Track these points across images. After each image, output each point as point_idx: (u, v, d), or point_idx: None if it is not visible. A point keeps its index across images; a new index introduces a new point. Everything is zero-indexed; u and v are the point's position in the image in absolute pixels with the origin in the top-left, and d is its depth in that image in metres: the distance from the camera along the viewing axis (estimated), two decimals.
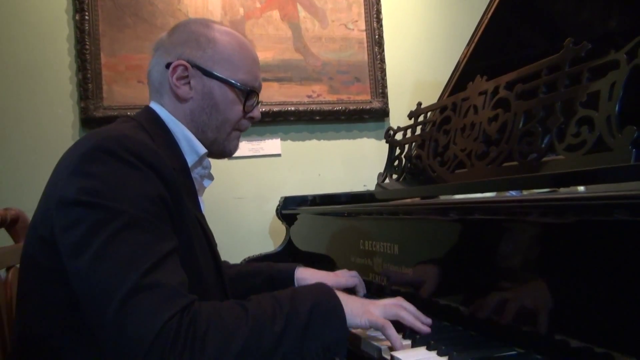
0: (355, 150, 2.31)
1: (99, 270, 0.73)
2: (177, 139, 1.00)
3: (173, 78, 0.99)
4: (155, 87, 1.03)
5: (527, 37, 1.48)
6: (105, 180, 0.77)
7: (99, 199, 0.76)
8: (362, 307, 0.89)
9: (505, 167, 1.03)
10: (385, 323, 0.88)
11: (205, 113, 1.02)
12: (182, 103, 1.01)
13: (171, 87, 1.00)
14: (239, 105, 1.05)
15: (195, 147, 1.01)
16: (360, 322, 0.88)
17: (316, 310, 0.81)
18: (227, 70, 1.02)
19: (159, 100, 1.03)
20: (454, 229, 1.00)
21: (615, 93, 0.81)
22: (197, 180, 1.04)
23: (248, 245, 2.08)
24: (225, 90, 1.02)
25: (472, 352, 0.80)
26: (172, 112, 1.01)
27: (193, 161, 1.01)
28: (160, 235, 0.79)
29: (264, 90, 2.20)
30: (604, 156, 0.80)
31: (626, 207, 0.63)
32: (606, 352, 0.66)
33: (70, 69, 1.98)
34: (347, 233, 1.48)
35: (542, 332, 0.76)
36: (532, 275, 0.81)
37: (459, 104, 1.26)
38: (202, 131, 1.03)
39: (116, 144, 0.81)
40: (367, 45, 2.30)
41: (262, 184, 2.19)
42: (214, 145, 1.06)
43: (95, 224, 0.75)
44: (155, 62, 1.03)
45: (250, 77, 1.06)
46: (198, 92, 1.01)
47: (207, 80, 1.01)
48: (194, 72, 1.00)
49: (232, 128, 1.07)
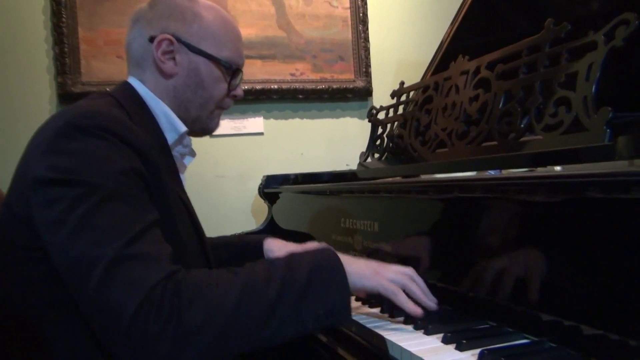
0: (338, 130, 2.31)
1: (80, 242, 0.72)
2: (157, 116, 0.98)
3: (158, 52, 0.96)
4: (136, 61, 1.00)
5: (509, 17, 1.48)
6: (80, 157, 0.76)
7: (75, 175, 0.75)
8: (370, 269, 0.87)
9: (484, 147, 1.04)
10: (397, 289, 0.86)
11: (190, 90, 1.00)
12: (166, 79, 0.99)
13: (155, 62, 0.97)
14: (223, 83, 1.04)
15: (175, 124, 0.99)
16: (369, 285, 0.86)
17: (315, 273, 0.78)
18: (213, 46, 1.00)
19: (139, 75, 1.00)
20: (434, 207, 1.02)
21: (592, 74, 0.82)
22: (178, 158, 1.03)
23: (230, 224, 2.08)
24: (211, 67, 1.01)
25: (446, 326, 0.82)
26: (153, 88, 0.99)
27: (173, 139, 0.99)
28: (141, 208, 0.79)
29: (247, 67, 2.17)
30: (580, 136, 0.81)
31: (599, 185, 0.64)
32: (574, 325, 0.68)
33: (46, 42, 1.93)
34: (328, 211, 1.49)
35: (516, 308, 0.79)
36: (508, 251, 0.83)
37: (441, 83, 1.26)
38: (185, 108, 1.01)
39: (90, 120, 0.79)
40: (351, 24, 2.28)
41: (244, 163, 2.18)
42: (197, 123, 1.04)
43: (74, 200, 0.74)
44: (136, 35, 1.00)
45: (236, 54, 1.04)
46: (183, 68, 0.99)
47: (193, 56, 0.99)
48: (180, 47, 0.98)
49: (216, 106, 1.06)
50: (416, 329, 0.84)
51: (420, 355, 0.71)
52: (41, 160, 0.77)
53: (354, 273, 0.84)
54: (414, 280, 0.91)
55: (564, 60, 0.89)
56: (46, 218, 0.76)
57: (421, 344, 0.77)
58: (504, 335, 0.78)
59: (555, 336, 0.72)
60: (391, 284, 0.87)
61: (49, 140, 0.78)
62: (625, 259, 0.63)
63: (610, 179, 0.63)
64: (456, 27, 1.54)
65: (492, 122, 1.03)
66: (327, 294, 0.78)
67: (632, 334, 0.61)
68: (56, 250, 0.76)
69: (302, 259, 0.81)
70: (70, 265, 0.74)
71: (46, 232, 0.76)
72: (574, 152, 0.81)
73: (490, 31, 1.51)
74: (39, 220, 0.77)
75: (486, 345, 0.72)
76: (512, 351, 0.71)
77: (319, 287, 0.77)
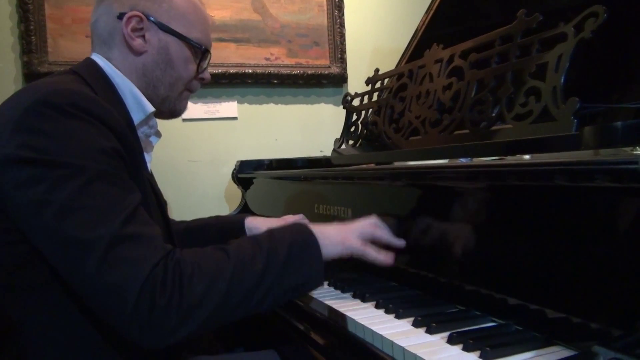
0: (312, 116, 2.31)
1: (70, 223, 0.72)
2: (123, 95, 0.96)
3: (127, 29, 0.95)
4: (103, 38, 0.97)
5: (483, 7, 1.50)
6: (57, 137, 0.74)
7: (54, 156, 0.73)
8: (339, 236, 0.93)
9: (457, 135, 1.06)
10: (364, 248, 0.93)
11: (159, 68, 0.99)
12: (135, 56, 0.97)
13: (125, 39, 0.95)
14: (192, 64, 1.03)
15: (143, 104, 0.97)
16: (341, 250, 0.92)
17: (294, 248, 0.84)
18: (183, 27, 0.99)
19: (105, 52, 0.98)
20: (407, 193, 1.03)
21: (561, 65, 0.84)
22: (142, 139, 1.01)
23: (203, 209, 2.06)
24: (181, 47, 1.00)
25: (416, 310, 0.84)
26: (120, 66, 0.97)
27: (139, 119, 0.97)
28: (126, 188, 0.79)
29: (221, 51, 2.15)
30: (549, 125, 0.83)
31: (565, 173, 0.66)
32: (539, 309, 0.71)
33: (11, 19, 1.86)
34: (302, 197, 1.49)
35: (483, 292, 0.81)
36: (477, 237, 0.85)
37: (416, 71, 1.27)
38: (153, 86, 1.00)
39: (61, 97, 0.77)
40: (326, 9, 2.26)
41: (217, 148, 2.15)
42: (165, 104, 1.03)
43: (56, 181, 0.73)
44: (103, 12, 0.97)
45: (205, 37, 1.04)
46: (153, 46, 0.97)
47: (163, 35, 0.98)
48: (149, 25, 0.97)
49: (184, 87, 1.05)
50: (387, 313, 0.85)
51: (391, 338, 0.73)
52: (10, 140, 0.74)
53: (327, 244, 0.90)
54: (379, 226, 0.98)
55: (535, 51, 0.91)
56: (24, 199, 0.74)
57: (392, 327, 0.78)
58: (472, 319, 0.80)
59: (521, 319, 0.74)
60: (359, 243, 0.94)
61: (18, 118, 0.75)
62: (588, 244, 0.65)
63: (576, 168, 0.65)
64: (431, 15, 1.55)
65: (464, 111, 1.04)
66: (305, 267, 0.85)
67: (594, 317, 0.63)
68: (41, 232, 0.74)
69: (281, 235, 0.87)
70: (62, 248, 0.73)
71: (25, 213, 0.74)
72: (542, 142, 0.83)
73: (465, 20, 1.53)
74: (13, 201, 0.75)
75: (455, 329, 0.75)
76: (479, 333, 0.73)
77: (298, 261, 0.84)
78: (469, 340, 0.68)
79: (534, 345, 0.68)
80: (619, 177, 0.60)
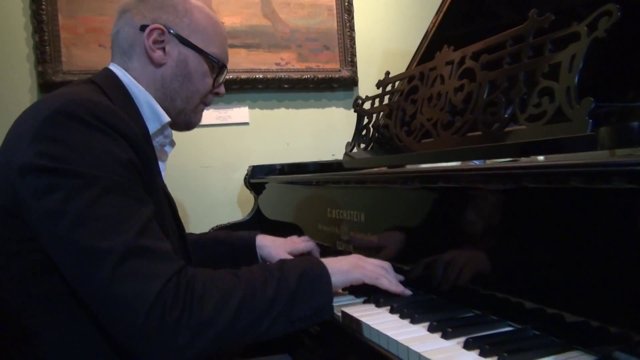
0: (323, 120, 2.31)
1: (84, 233, 0.72)
2: (139, 105, 0.97)
3: (149, 41, 0.97)
4: (123, 49, 0.99)
5: (494, 7, 1.49)
6: (73, 146, 0.75)
7: (70, 165, 0.74)
8: (351, 264, 0.96)
9: (469, 137, 1.05)
10: (378, 275, 0.96)
11: (177, 80, 1.01)
12: (154, 67, 0.99)
13: (146, 50, 0.98)
14: (209, 78, 1.06)
15: (158, 114, 0.99)
16: (352, 277, 0.94)
17: (304, 278, 0.86)
18: (202, 41, 1.02)
19: (124, 63, 1.00)
20: (420, 197, 1.02)
21: (575, 65, 0.83)
22: (157, 148, 1.03)
23: (216, 215, 2.07)
24: (199, 61, 1.03)
25: (432, 315, 0.83)
26: (139, 77, 0.99)
27: (155, 129, 0.99)
28: (140, 200, 0.79)
29: (231, 56, 2.14)
30: (563, 126, 0.82)
31: (581, 175, 0.65)
32: (557, 313, 0.70)
33: (26, 30, 1.89)
34: (314, 202, 1.49)
35: (500, 297, 0.80)
36: (492, 241, 0.84)
37: (427, 73, 1.26)
38: (170, 98, 1.02)
39: (80, 108, 0.78)
40: (336, 12, 2.26)
41: (229, 153, 2.16)
42: (181, 116, 1.05)
43: (72, 190, 0.73)
44: (125, 23, 0.99)
45: (222, 52, 1.07)
46: (172, 59, 1.00)
47: (183, 48, 1.00)
48: (170, 38, 0.99)
49: (200, 100, 1.07)
50: (402, 318, 0.85)
51: (406, 344, 0.72)
52: (30, 148, 0.75)
53: (338, 272, 0.92)
54: (389, 273, 1.00)
55: (548, 51, 0.90)
56: (40, 207, 0.74)
57: (407, 332, 0.78)
58: (489, 324, 0.79)
59: (538, 324, 0.73)
60: (372, 272, 0.96)
61: (37, 127, 0.76)
62: (606, 247, 0.64)
63: (592, 169, 0.64)
64: (441, 16, 1.54)
65: (476, 112, 1.03)
66: (314, 297, 0.86)
67: (612, 321, 0.62)
68: (55, 241, 0.75)
69: (292, 265, 0.89)
70: (74, 257, 0.73)
71: (41, 222, 0.75)
72: (556, 142, 0.82)
73: (475, 21, 1.52)
74: (30, 209, 0.75)
75: (471, 333, 0.74)
76: (496, 338, 0.72)
77: (307, 291, 0.85)
78: (486, 346, 0.68)
79: (553, 350, 0.67)
80: (637, 178, 0.59)
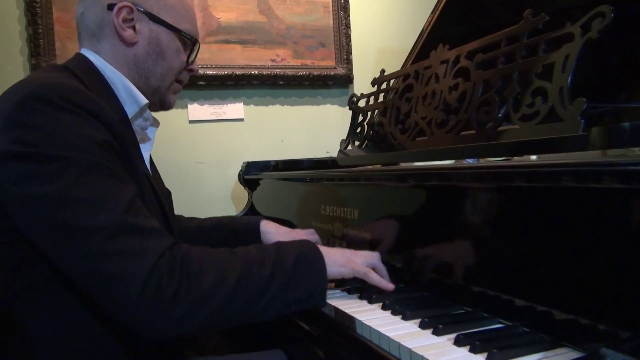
0: (318, 117, 2.31)
1: (70, 214, 0.71)
2: (115, 89, 0.96)
3: (118, 20, 0.95)
4: (92, 31, 0.97)
5: (489, 7, 1.49)
6: (47, 131, 0.74)
7: (47, 149, 0.73)
8: (344, 257, 0.96)
9: (463, 136, 1.06)
10: (367, 271, 0.96)
11: (151, 59, 0.99)
12: (126, 47, 0.97)
13: (116, 30, 0.95)
14: (183, 55, 1.04)
15: (135, 96, 0.97)
16: (344, 271, 0.94)
17: (300, 260, 0.86)
18: (173, 18, 1.00)
19: (94, 46, 0.97)
20: (413, 195, 1.03)
21: (568, 65, 0.83)
22: (138, 131, 1.01)
23: (210, 211, 2.07)
24: (172, 38, 1.01)
25: (423, 312, 0.84)
26: (111, 59, 0.97)
27: (133, 112, 0.97)
28: (120, 179, 0.79)
29: (227, 52, 2.16)
30: (556, 126, 0.83)
31: (573, 174, 0.66)
32: (547, 310, 0.70)
33: (19, 23, 1.87)
34: (309, 198, 1.49)
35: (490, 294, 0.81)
36: (483, 239, 0.84)
37: (421, 72, 1.27)
38: (145, 77, 1.00)
39: (51, 91, 0.77)
40: (332, 10, 2.26)
41: (224, 149, 2.16)
42: (156, 95, 1.04)
43: (51, 175, 0.73)
44: (91, 4, 0.97)
45: (193, 28, 1.05)
46: (144, 37, 0.98)
47: (154, 26, 0.98)
48: (140, 16, 0.97)
49: (174, 78, 1.06)
50: (394, 315, 0.85)
51: (398, 340, 0.73)
52: (2, 135, 0.74)
53: (332, 263, 0.92)
54: (378, 265, 1.00)
55: (542, 51, 0.90)
56: (21, 194, 0.73)
57: (399, 329, 0.78)
58: (479, 320, 0.80)
59: (528, 321, 0.74)
60: (362, 267, 0.96)
61: (8, 114, 0.75)
62: (596, 245, 0.65)
63: (584, 169, 0.64)
64: (437, 15, 1.54)
65: (470, 111, 1.04)
66: (309, 280, 0.86)
67: (602, 318, 0.63)
68: (40, 226, 0.74)
69: (289, 247, 0.89)
70: (62, 239, 0.72)
71: (24, 209, 0.74)
72: (549, 142, 0.83)
73: (470, 20, 1.52)
74: (11, 197, 0.75)
75: (462, 330, 0.74)
76: (486, 335, 0.73)
77: (303, 274, 0.85)
78: (476, 342, 0.68)
79: (542, 347, 0.68)
80: (628, 178, 0.59)
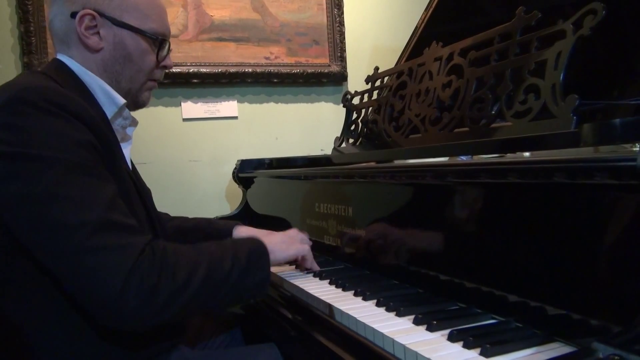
0: (312, 114, 2.31)
1: (52, 213, 0.74)
2: (93, 91, 0.97)
3: (81, 28, 0.95)
4: (60, 37, 0.98)
5: (483, 4, 1.50)
6: (29, 131, 0.76)
7: (30, 149, 0.75)
8: (285, 242, 1.11)
9: (456, 133, 1.06)
10: (306, 251, 1.16)
11: (118, 63, 0.99)
12: (92, 53, 0.97)
13: (80, 38, 0.96)
14: (151, 55, 1.03)
15: (113, 97, 0.98)
16: (289, 254, 1.10)
17: (252, 255, 0.95)
18: (136, 19, 0.99)
19: (66, 51, 0.98)
20: (407, 192, 1.03)
21: (560, 62, 0.84)
22: (119, 131, 1.02)
23: (204, 209, 2.07)
24: (137, 40, 1.00)
25: (417, 308, 0.84)
26: (83, 64, 0.98)
27: (112, 112, 0.98)
28: (102, 178, 0.81)
29: (220, 50, 2.15)
30: (548, 123, 0.83)
31: (564, 170, 0.67)
32: (539, 306, 0.71)
33: (11, 20, 1.86)
34: (303, 196, 1.49)
35: (484, 290, 0.81)
36: (477, 235, 0.85)
37: (415, 69, 1.27)
38: (116, 81, 1.00)
39: (33, 94, 0.79)
40: (326, 7, 2.26)
41: (218, 147, 2.16)
42: (128, 96, 1.03)
43: (34, 174, 0.74)
44: (57, 12, 0.97)
45: (160, 25, 1.04)
46: (109, 42, 0.98)
47: (118, 30, 0.98)
48: (103, 22, 0.96)
49: (146, 78, 1.05)
50: (388, 311, 0.86)
51: (392, 336, 0.73)
52: None
53: (277, 250, 1.06)
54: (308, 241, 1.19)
55: (534, 48, 0.91)
56: (4, 193, 0.76)
57: (393, 325, 0.79)
58: (473, 316, 0.80)
59: (521, 316, 0.75)
60: (302, 247, 1.14)
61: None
62: (588, 241, 0.66)
63: (576, 165, 0.65)
64: (430, 13, 1.54)
65: (464, 109, 1.04)
66: (258, 272, 0.95)
67: (593, 313, 0.64)
68: (24, 223, 0.76)
69: (242, 243, 0.99)
70: (46, 236, 0.74)
71: (7, 207, 0.76)
72: (541, 139, 0.83)
73: (464, 18, 1.52)
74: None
75: (456, 326, 0.75)
76: (480, 331, 0.74)
77: (254, 267, 0.94)
78: (470, 338, 0.69)
79: (534, 341, 0.68)
80: (618, 174, 0.60)
